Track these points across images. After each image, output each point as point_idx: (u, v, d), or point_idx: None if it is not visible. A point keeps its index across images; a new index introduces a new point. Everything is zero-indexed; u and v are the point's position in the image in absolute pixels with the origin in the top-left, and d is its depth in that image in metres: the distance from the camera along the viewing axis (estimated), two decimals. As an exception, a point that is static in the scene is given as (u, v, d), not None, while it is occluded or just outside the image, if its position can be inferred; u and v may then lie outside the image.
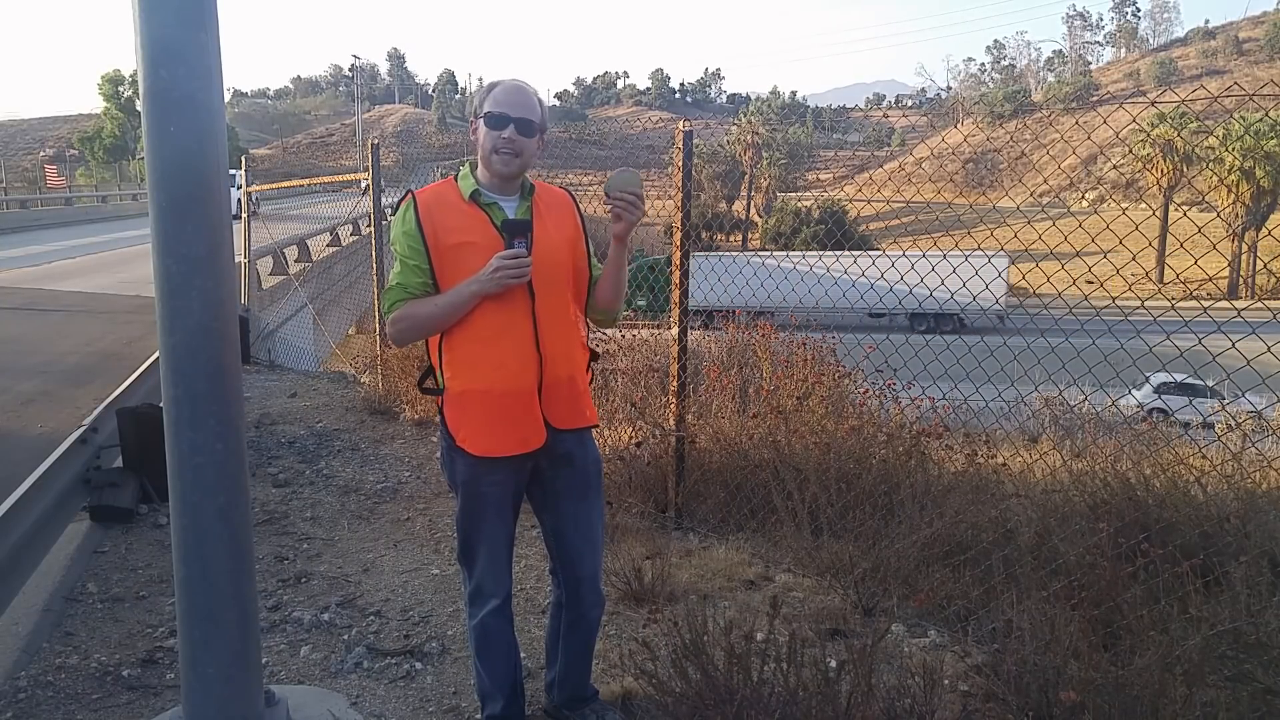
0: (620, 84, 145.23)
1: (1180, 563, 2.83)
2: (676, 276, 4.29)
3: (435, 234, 2.27)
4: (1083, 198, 55.46)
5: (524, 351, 2.29)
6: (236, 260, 2.50)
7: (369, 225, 8.62)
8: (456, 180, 2.36)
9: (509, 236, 2.22)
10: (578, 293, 2.44)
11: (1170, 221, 34.38)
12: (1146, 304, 3.49)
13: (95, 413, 4.86)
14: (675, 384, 4.35)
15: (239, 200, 10.46)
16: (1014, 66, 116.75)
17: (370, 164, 7.26)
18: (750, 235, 64.32)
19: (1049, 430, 7.88)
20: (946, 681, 2.81)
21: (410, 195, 2.35)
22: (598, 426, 2.53)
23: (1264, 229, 35.89)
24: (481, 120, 2.29)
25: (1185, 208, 35.95)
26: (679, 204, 4.24)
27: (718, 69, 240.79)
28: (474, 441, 2.32)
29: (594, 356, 2.54)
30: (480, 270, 2.21)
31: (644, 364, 5.87)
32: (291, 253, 15.35)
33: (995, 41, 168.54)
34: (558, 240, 2.36)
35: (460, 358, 2.32)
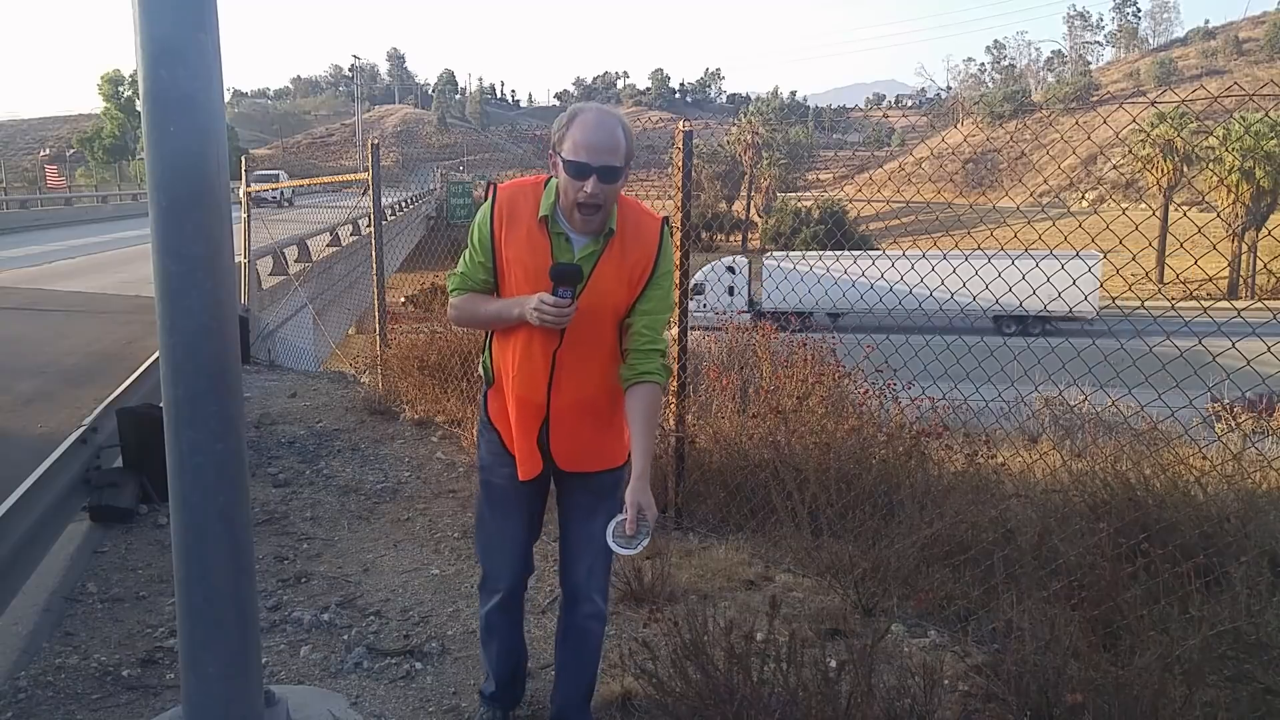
0: (620, 84, 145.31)
1: (1180, 563, 2.83)
2: (676, 277, 4.29)
3: (502, 240, 2.24)
4: (1083, 198, 55.44)
5: (535, 389, 2.28)
6: (236, 260, 2.50)
7: (369, 225, 8.62)
8: (544, 188, 2.24)
9: (555, 283, 2.12)
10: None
11: (1170, 221, 34.39)
12: (1146, 304, 3.49)
13: (95, 413, 4.86)
14: (675, 384, 4.35)
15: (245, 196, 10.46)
16: (1014, 66, 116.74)
17: (370, 164, 7.26)
18: (750, 235, 64.34)
19: (1049, 430, 7.88)
20: (946, 681, 2.81)
21: (493, 189, 2.28)
22: (618, 466, 2.41)
23: (1264, 229, 35.89)
24: (560, 160, 2.13)
25: (1185, 208, 35.94)
26: (679, 204, 4.24)
27: (718, 69, 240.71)
28: (498, 419, 2.40)
29: None
30: (527, 299, 2.16)
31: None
32: (291, 253, 15.35)
33: (995, 41, 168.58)
34: (615, 286, 2.23)
35: (496, 358, 2.38)
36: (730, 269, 31.91)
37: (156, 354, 2.25)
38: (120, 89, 60.68)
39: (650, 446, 2.21)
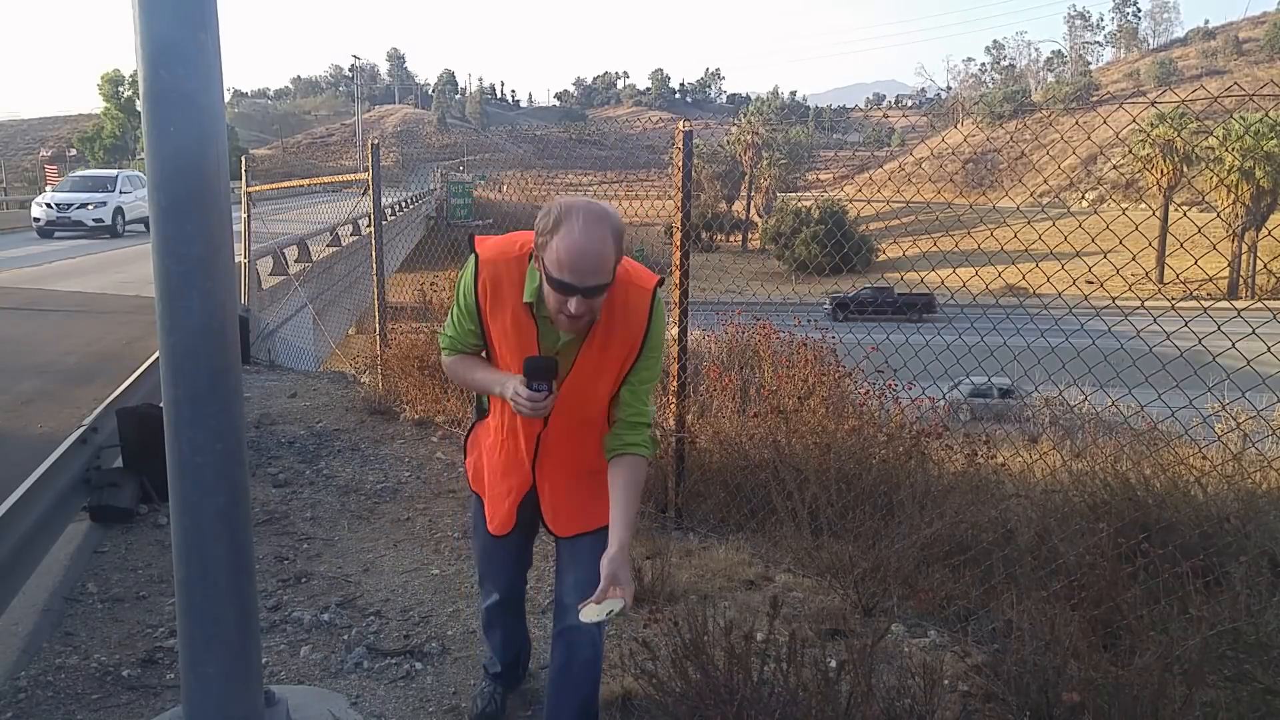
0: (620, 84, 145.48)
1: (1180, 563, 2.83)
2: (677, 277, 4.29)
3: (489, 311, 2.14)
4: (1083, 198, 55.47)
5: (518, 460, 2.28)
6: (236, 260, 2.50)
7: (369, 225, 8.61)
8: (528, 263, 2.06)
9: (529, 377, 2.00)
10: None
11: (1170, 221, 34.38)
12: (1147, 304, 3.49)
13: (95, 413, 4.86)
14: (675, 384, 4.35)
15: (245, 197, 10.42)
16: (1014, 66, 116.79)
17: (370, 164, 7.25)
18: (750, 235, 64.35)
19: (1049, 430, 7.88)
20: (946, 681, 2.81)
21: (475, 258, 2.12)
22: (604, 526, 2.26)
23: (1264, 229, 35.90)
24: (543, 267, 1.94)
25: (1185, 208, 35.94)
26: (679, 204, 4.24)
27: (718, 69, 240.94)
28: (474, 480, 2.47)
29: None
30: (509, 381, 2.07)
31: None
32: (291, 253, 15.33)
33: (995, 41, 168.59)
34: (600, 368, 2.12)
35: (475, 441, 2.44)
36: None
37: (156, 354, 2.26)
38: (120, 89, 60.78)
39: (632, 519, 2.11)
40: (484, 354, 2.25)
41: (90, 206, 20.75)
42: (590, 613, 1.95)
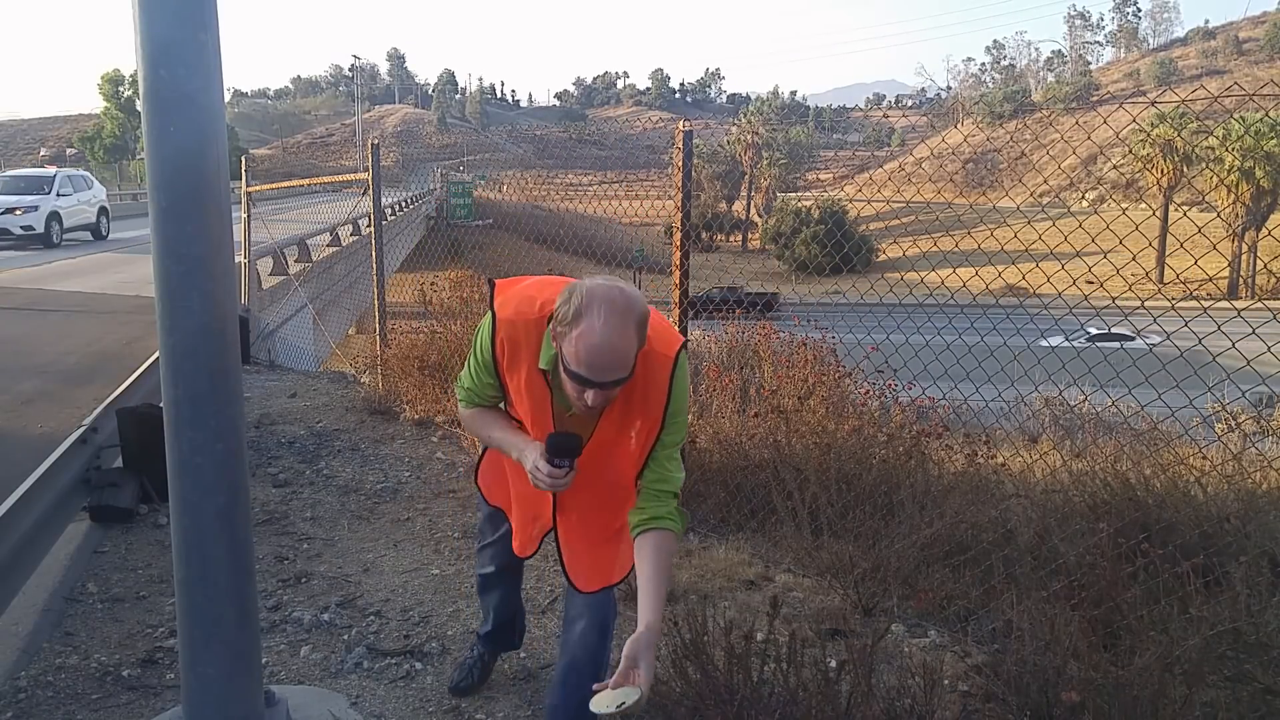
0: (620, 84, 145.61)
1: (1180, 563, 2.83)
2: (676, 277, 4.29)
3: (506, 368, 2.08)
4: (1083, 198, 55.49)
5: (541, 510, 2.27)
6: (236, 260, 2.50)
7: (369, 225, 8.61)
8: (546, 325, 1.95)
9: (551, 454, 1.95)
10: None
11: (1170, 221, 34.41)
12: (1147, 304, 3.49)
13: (95, 413, 4.85)
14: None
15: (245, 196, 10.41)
16: (1014, 66, 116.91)
17: (370, 164, 7.26)
18: (750, 235, 64.38)
19: (1049, 430, 7.87)
20: (946, 681, 2.81)
21: (493, 316, 2.04)
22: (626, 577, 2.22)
23: (1264, 229, 35.92)
24: (560, 353, 1.85)
25: (1185, 208, 35.95)
26: (679, 204, 4.24)
27: (718, 69, 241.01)
28: (491, 495, 2.50)
29: None
30: (527, 451, 2.03)
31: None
32: (291, 253, 15.34)
33: (995, 41, 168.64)
34: (619, 438, 2.04)
35: (490, 464, 2.45)
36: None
37: (156, 354, 2.26)
38: (120, 89, 60.72)
39: (663, 598, 1.97)
40: (502, 405, 2.23)
41: (18, 212, 18.24)
42: (601, 703, 1.80)
